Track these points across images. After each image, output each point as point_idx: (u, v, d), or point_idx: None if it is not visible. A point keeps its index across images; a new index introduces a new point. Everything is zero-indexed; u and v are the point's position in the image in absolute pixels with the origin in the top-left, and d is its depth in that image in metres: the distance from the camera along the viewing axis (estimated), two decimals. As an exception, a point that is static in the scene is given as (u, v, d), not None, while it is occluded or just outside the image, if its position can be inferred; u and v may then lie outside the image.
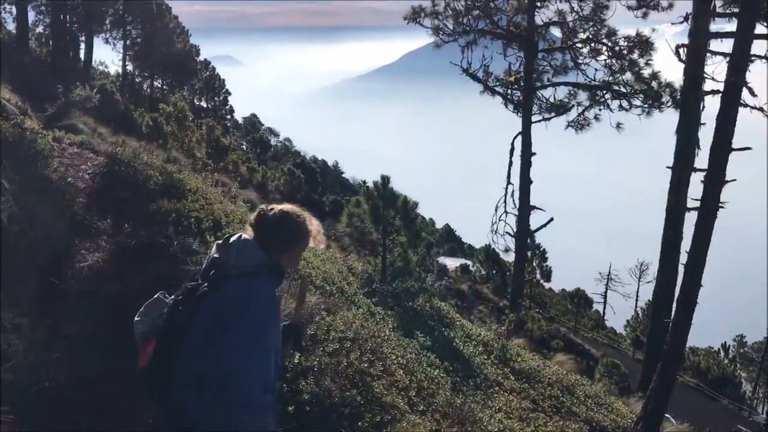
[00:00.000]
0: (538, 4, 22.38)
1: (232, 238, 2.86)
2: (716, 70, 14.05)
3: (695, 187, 14.03)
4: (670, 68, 18.32)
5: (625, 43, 21.08)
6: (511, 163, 23.14)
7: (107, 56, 34.32)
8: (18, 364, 4.53)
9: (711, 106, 14.12)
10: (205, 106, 45.97)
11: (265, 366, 2.63)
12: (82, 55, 26.45)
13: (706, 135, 13.72)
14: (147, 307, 2.98)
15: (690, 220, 14.20)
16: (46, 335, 5.11)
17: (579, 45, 22.48)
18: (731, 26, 14.34)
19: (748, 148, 13.21)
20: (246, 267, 2.74)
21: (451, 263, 36.99)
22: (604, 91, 21.97)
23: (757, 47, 13.23)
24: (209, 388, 2.55)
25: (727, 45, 13.79)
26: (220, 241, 2.91)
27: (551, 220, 23.14)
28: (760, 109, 14.27)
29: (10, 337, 4.66)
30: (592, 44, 22.09)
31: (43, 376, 4.69)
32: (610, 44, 21.50)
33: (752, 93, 13.77)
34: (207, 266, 2.87)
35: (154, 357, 2.76)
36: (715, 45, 14.41)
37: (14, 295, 5.18)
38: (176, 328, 2.74)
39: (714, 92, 13.98)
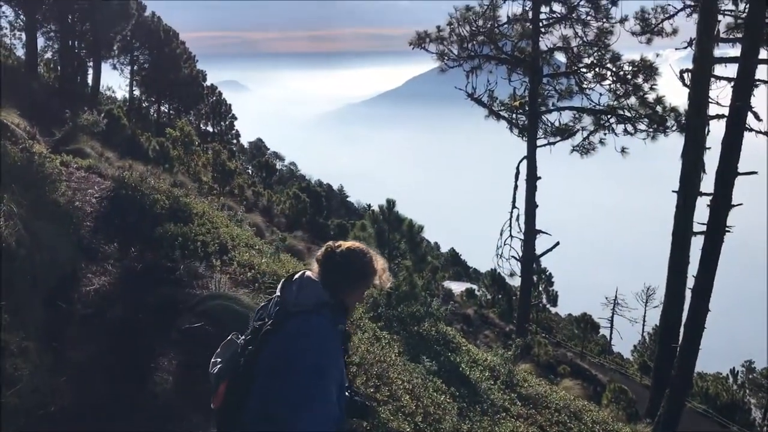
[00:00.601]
0: (543, 29, 22.56)
1: (296, 276, 2.91)
2: (721, 94, 14.13)
3: (701, 211, 14.02)
4: (674, 93, 18.40)
5: (630, 68, 21.18)
6: (516, 187, 23.15)
7: (115, 81, 34.64)
8: (24, 388, 4.52)
9: (716, 131, 14.15)
10: (211, 130, 46.18)
11: (325, 401, 2.62)
12: (89, 81, 26.71)
13: (711, 159, 13.76)
14: (222, 348, 3.00)
15: (696, 244, 14.16)
16: (53, 359, 5.10)
17: (583, 70, 22.61)
18: (735, 51, 14.42)
19: (754, 173, 13.23)
20: (305, 305, 2.77)
21: (457, 287, 36.87)
22: (609, 116, 22.03)
23: (762, 72, 13.30)
24: (274, 426, 2.57)
25: (731, 70, 13.89)
26: (284, 279, 2.95)
27: (557, 244, 23.09)
28: (766, 134, 14.29)
29: (17, 361, 4.65)
30: (597, 69, 22.21)
31: (49, 400, 4.67)
32: (614, 69, 21.61)
33: (757, 117, 13.81)
34: (273, 304, 2.90)
35: (225, 397, 2.80)
36: (719, 70, 14.49)
37: (21, 318, 5.18)
38: (244, 367, 2.76)
39: (719, 116, 14.02)
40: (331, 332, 2.77)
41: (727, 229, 13.38)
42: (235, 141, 49.81)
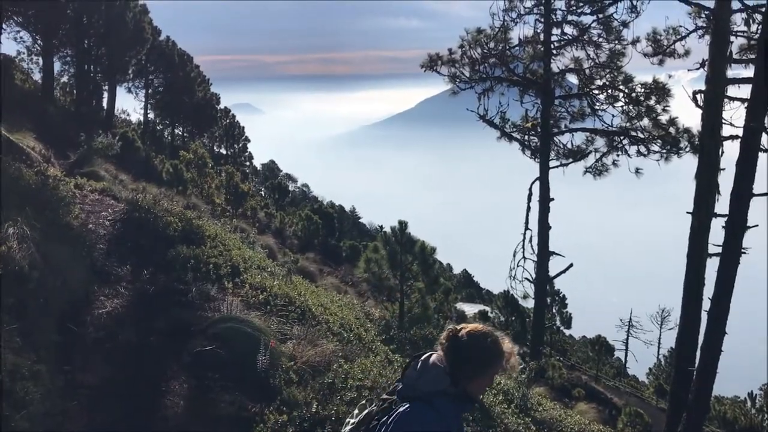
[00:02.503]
0: (554, 51, 22.59)
1: (422, 358, 2.83)
2: (734, 115, 14.03)
3: (716, 233, 13.89)
4: (687, 114, 18.30)
5: (642, 90, 21.13)
6: (529, 208, 23.08)
7: (129, 104, 34.91)
8: (35, 411, 4.50)
9: (730, 152, 14.05)
10: (224, 152, 46.48)
11: None
12: (105, 104, 27.01)
13: (726, 180, 13.66)
14: (358, 408, 3.05)
15: (712, 265, 14.01)
16: (64, 382, 5.09)
17: (596, 91, 22.58)
18: (748, 72, 14.35)
19: (770, 193, 13.11)
20: (421, 392, 2.71)
21: (470, 309, 36.61)
22: (622, 137, 21.95)
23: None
24: None
25: (744, 91, 13.80)
26: (411, 359, 2.90)
27: (570, 265, 22.93)
28: (780, 154, 14.16)
29: (28, 385, 4.64)
30: (609, 91, 22.18)
31: (60, 425, 4.65)
32: (626, 91, 21.56)
33: (772, 138, 13.70)
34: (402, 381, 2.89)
35: None
36: (732, 91, 14.40)
37: (33, 341, 5.18)
38: None
39: (733, 137, 13.93)
40: (435, 423, 2.66)
41: (742, 250, 13.24)
42: (248, 163, 50.11)
